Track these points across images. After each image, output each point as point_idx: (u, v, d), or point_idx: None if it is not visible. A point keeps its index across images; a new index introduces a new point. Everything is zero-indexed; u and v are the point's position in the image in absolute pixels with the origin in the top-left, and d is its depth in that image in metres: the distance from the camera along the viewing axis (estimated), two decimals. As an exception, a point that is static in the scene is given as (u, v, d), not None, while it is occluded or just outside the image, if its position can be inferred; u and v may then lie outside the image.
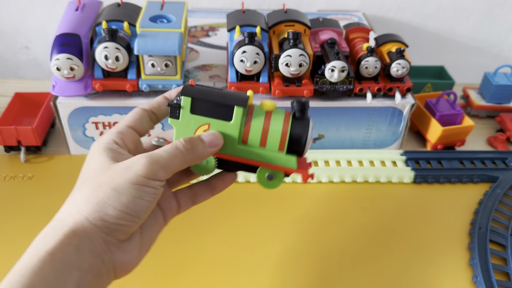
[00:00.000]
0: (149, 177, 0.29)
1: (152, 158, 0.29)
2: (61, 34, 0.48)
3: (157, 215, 0.33)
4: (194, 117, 0.34)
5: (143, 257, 0.31)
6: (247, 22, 0.53)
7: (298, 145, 0.35)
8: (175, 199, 0.34)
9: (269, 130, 0.35)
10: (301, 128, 0.35)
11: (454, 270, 0.43)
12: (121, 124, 0.35)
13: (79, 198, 0.29)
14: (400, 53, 0.52)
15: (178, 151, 0.31)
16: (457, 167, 0.55)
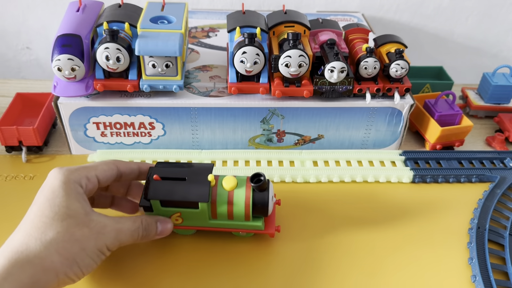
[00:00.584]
0: (110, 249, 0.36)
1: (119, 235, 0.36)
2: (62, 34, 0.48)
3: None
4: (165, 209, 0.40)
5: None
6: (247, 23, 0.53)
7: (262, 211, 0.41)
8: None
9: (233, 210, 0.40)
10: (261, 200, 0.40)
11: (452, 270, 0.44)
12: (93, 171, 0.38)
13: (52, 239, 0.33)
14: (399, 53, 0.53)
15: (136, 235, 0.38)
16: (456, 167, 0.56)
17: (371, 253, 0.45)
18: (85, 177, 0.37)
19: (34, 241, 0.32)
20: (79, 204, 0.35)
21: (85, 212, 0.35)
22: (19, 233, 0.33)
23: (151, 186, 0.39)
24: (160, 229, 0.40)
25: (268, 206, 0.40)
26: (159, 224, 0.40)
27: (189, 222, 0.42)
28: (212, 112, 0.53)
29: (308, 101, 0.54)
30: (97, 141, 0.55)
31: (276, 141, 0.57)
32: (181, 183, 0.40)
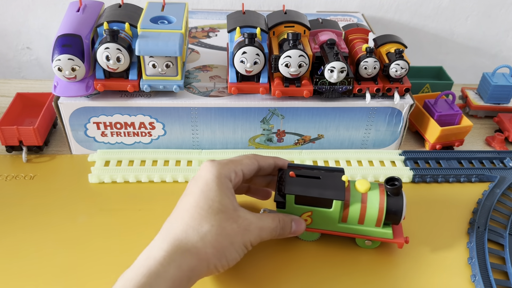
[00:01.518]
0: (253, 244, 0.37)
1: (261, 232, 0.37)
2: (62, 34, 0.48)
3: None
4: (298, 207, 0.40)
5: None
6: (247, 23, 0.53)
7: (394, 219, 0.40)
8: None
9: (366, 213, 0.40)
10: (396, 205, 0.40)
11: (452, 269, 0.44)
12: (239, 166, 0.40)
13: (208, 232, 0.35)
14: (399, 53, 0.53)
15: (274, 233, 0.39)
16: (456, 167, 0.56)
17: (370, 252, 0.45)
18: (234, 172, 0.39)
19: (192, 231, 0.34)
20: (229, 199, 0.37)
21: (234, 208, 0.36)
22: (178, 222, 0.35)
23: (287, 182, 0.40)
24: (294, 228, 0.40)
25: (402, 212, 0.40)
26: (293, 223, 0.40)
27: (318, 224, 0.42)
28: (212, 112, 0.54)
29: (308, 101, 0.54)
30: (98, 141, 0.55)
31: (276, 141, 0.58)
32: (316, 181, 0.40)
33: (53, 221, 0.46)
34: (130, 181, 0.52)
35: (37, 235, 0.45)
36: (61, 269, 0.42)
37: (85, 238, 0.45)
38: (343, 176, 0.40)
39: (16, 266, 0.42)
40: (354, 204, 0.40)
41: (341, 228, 0.41)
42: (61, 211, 0.48)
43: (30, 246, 0.44)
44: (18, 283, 0.40)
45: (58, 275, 0.41)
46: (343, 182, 0.40)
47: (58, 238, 0.45)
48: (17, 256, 0.43)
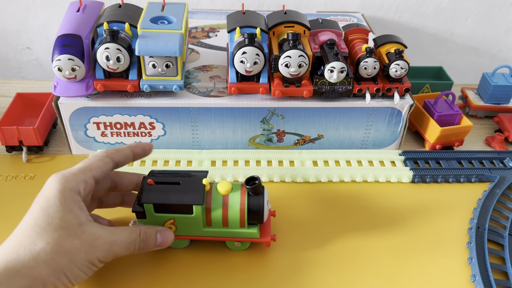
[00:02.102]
0: (102, 261, 0.34)
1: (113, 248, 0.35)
2: (62, 35, 0.48)
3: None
4: (158, 215, 0.39)
5: None
6: (247, 23, 0.53)
7: (257, 218, 0.40)
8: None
9: (228, 215, 0.39)
10: (256, 204, 0.39)
11: (452, 270, 0.44)
12: (89, 173, 0.37)
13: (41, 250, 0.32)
14: (399, 54, 0.53)
15: (132, 248, 0.36)
16: (456, 167, 0.56)
17: (371, 253, 0.45)
18: (83, 182, 0.36)
19: (24, 251, 0.32)
20: (73, 214, 0.34)
21: (78, 223, 0.34)
22: (10, 241, 0.33)
23: (145, 190, 0.38)
24: (160, 240, 0.38)
25: (263, 211, 0.39)
26: (159, 235, 0.38)
27: (183, 231, 0.40)
28: (212, 112, 0.54)
29: (308, 101, 0.54)
30: (98, 141, 0.55)
31: (276, 141, 0.58)
32: (175, 187, 0.38)
33: (53, 221, 0.46)
34: (130, 181, 0.52)
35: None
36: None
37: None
38: (203, 180, 0.38)
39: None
40: (215, 208, 0.39)
41: (207, 232, 0.40)
42: (61, 211, 0.48)
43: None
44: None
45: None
46: (203, 185, 0.38)
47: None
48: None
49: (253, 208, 0.39)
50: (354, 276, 0.43)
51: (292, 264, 0.43)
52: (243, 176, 0.53)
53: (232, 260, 0.43)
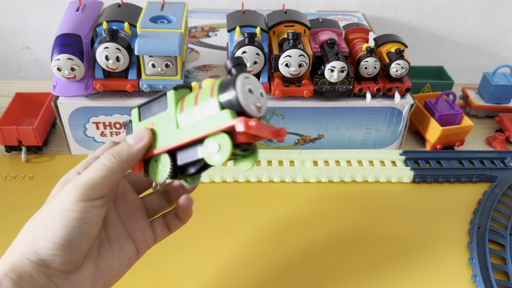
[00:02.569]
0: (77, 200, 0.27)
1: (76, 182, 0.28)
2: (62, 34, 0.48)
3: (123, 246, 0.31)
4: (142, 123, 0.33)
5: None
6: (247, 23, 0.53)
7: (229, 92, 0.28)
8: (150, 229, 0.32)
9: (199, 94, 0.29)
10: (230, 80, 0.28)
11: (453, 270, 0.44)
12: (91, 156, 0.32)
13: (19, 235, 0.29)
14: (399, 53, 0.53)
15: (103, 165, 0.29)
16: (456, 167, 0.56)
17: (371, 252, 0.45)
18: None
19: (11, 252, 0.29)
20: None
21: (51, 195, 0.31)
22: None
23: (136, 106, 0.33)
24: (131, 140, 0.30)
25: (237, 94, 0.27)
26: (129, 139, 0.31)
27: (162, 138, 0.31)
28: (212, 112, 0.53)
29: (308, 101, 0.53)
30: (97, 141, 0.55)
31: (276, 141, 0.57)
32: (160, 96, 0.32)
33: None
34: (129, 181, 0.52)
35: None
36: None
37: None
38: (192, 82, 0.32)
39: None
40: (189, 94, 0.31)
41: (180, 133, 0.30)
42: (60, 212, 0.48)
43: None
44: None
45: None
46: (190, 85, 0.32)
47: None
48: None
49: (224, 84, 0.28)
50: (354, 276, 0.42)
51: (292, 264, 0.43)
52: (243, 176, 0.52)
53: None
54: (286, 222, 0.48)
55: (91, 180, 0.28)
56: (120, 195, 0.33)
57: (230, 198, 0.50)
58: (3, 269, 0.26)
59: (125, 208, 0.32)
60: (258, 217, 0.48)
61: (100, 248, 0.30)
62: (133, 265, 0.31)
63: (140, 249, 0.31)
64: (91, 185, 0.27)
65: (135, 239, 0.31)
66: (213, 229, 0.46)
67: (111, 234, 0.31)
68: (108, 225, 0.31)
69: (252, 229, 0.47)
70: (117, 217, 0.32)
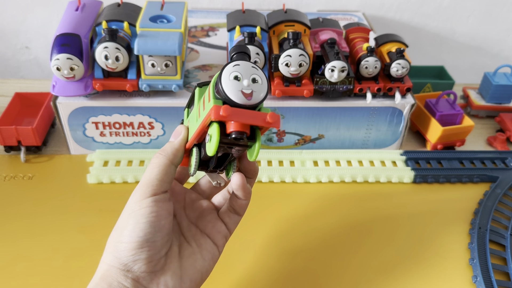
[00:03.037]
0: (141, 199, 0.29)
1: (137, 186, 0.30)
2: (61, 34, 0.48)
3: (201, 243, 0.33)
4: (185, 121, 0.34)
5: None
6: (247, 22, 0.53)
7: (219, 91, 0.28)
8: (220, 221, 0.35)
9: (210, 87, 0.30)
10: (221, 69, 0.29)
11: (453, 270, 0.43)
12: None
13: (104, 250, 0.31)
14: (400, 53, 0.52)
15: (153, 164, 0.31)
16: (457, 167, 0.56)
17: (371, 252, 0.45)
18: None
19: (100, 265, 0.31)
20: None
21: None
22: None
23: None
24: (173, 136, 0.33)
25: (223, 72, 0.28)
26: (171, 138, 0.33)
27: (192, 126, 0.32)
28: (212, 111, 0.53)
29: (308, 101, 0.53)
30: (96, 141, 0.55)
31: (276, 141, 0.57)
32: None
33: (51, 222, 0.46)
34: (129, 181, 0.52)
35: (35, 235, 0.45)
36: (59, 269, 0.41)
37: (83, 238, 0.44)
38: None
39: (14, 266, 0.41)
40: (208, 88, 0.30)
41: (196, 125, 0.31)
42: (59, 212, 0.47)
43: (28, 246, 0.44)
44: (16, 282, 0.40)
45: (56, 275, 0.41)
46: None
47: (56, 239, 0.44)
48: (16, 256, 0.43)
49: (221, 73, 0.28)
50: (354, 276, 0.42)
51: (292, 264, 0.43)
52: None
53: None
54: (286, 222, 0.47)
55: (147, 179, 0.30)
56: (188, 203, 0.35)
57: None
58: (95, 280, 0.29)
59: (195, 213, 0.35)
60: (258, 217, 0.48)
61: (180, 248, 0.32)
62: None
63: (217, 241, 0.34)
64: (148, 182, 0.30)
65: (208, 233, 0.33)
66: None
67: (187, 235, 0.33)
68: (183, 230, 0.33)
69: (252, 229, 0.47)
70: (189, 222, 0.34)
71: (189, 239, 0.33)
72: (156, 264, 0.29)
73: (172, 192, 0.34)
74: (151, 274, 0.29)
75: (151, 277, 0.29)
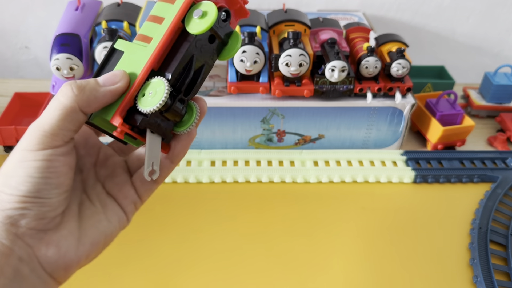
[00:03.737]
0: (36, 148, 0.24)
1: (34, 126, 0.24)
2: (61, 34, 0.48)
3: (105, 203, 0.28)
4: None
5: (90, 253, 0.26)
6: (247, 22, 0.53)
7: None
8: (131, 185, 0.29)
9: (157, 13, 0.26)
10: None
11: (454, 270, 0.43)
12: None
13: None
14: (400, 53, 0.52)
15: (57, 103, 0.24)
16: (458, 167, 0.55)
17: (372, 252, 0.44)
18: None
19: None
20: None
21: None
22: None
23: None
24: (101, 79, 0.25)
25: None
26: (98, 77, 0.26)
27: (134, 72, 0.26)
28: (212, 111, 0.53)
29: (308, 101, 0.53)
30: (96, 141, 0.55)
31: (276, 141, 0.57)
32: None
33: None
34: (129, 181, 0.51)
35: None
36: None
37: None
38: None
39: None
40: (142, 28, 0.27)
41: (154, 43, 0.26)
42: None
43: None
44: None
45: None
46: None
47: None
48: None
49: None
50: (354, 276, 0.42)
51: (292, 264, 0.43)
52: (243, 176, 0.52)
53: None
54: (286, 223, 0.47)
55: (47, 124, 0.24)
56: (101, 160, 0.30)
57: (229, 199, 0.50)
58: None
59: (106, 171, 0.29)
60: (258, 217, 0.48)
61: (80, 207, 0.27)
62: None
63: (124, 206, 0.29)
64: (49, 130, 0.24)
65: (114, 195, 0.29)
66: (212, 230, 0.46)
67: (91, 193, 0.28)
68: (87, 187, 0.28)
69: (252, 229, 0.46)
70: (96, 179, 0.29)
71: (93, 198, 0.28)
72: (49, 222, 0.24)
73: (85, 144, 0.29)
74: (40, 232, 0.24)
75: (40, 236, 0.24)
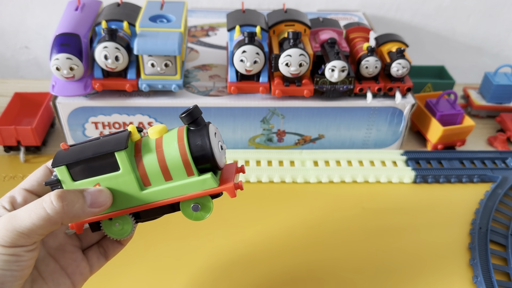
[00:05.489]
0: (9, 244, 0.25)
1: (9, 223, 0.25)
2: (60, 34, 0.48)
3: (58, 282, 0.29)
4: (79, 184, 0.29)
5: None
6: (247, 22, 0.53)
7: (207, 159, 0.29)
8: (85, 260, 0.31)
9: (166, 161, 0.28)
10: (199, 139, 0.28)
11: (454, 270, 0.43)
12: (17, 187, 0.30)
13: None
14: (400, 52, 0.52)
15: (43, 213, 0.25)
16: (458, 167, 0.55)
17: (372, 252, 0.44)
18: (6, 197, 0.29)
19: None
20: None
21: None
22: None
23: (57, 155, 0.29)
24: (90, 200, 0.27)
25: (211, 149, 0.28)
26: (86, 194, 0.27)
27: (119, 202, 0.29)
28: (212, 111, 0.53)
29: (308, 101, 0.53)
30: (96, 141, 0.55)
31: (276, 141, 0.57)
32: (93, 143, 0.29)
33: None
34: (129, 181, 0.51)
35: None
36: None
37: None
38: (129, 126, 0.30)
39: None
40: (147, 153, 0.28)
41: (149, 196, 0.29)
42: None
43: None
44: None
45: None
46: (128, 132, 0.29)
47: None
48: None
49: (195, 142, 0.28)
50: (354, 276, 0.42)
51: (292, 264, 0.43)
52: (243, 177, 0.52)
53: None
54: (286, 223, 0.47)
55: (26, 227, 0.25)
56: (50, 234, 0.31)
57: (229, 198, 0.50)
58: None
59: (54, 243, 0.30)
60: (258, 217, 0.48)
61: (33, 286, 0.28)
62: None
63: (76, 283, 0.30)
64: (25, 232, 0.25)
65: (69, 273, 0.30)
66: (212, 230, 0.46)
67: (44, 271, 0.29)
68: (40, 263, 0.29)
69: (252, 229, 0.46)
70: (46, 253, 0.29)
71: (46, 276, 0.28)
72: None
73: None
74: None
75: None
